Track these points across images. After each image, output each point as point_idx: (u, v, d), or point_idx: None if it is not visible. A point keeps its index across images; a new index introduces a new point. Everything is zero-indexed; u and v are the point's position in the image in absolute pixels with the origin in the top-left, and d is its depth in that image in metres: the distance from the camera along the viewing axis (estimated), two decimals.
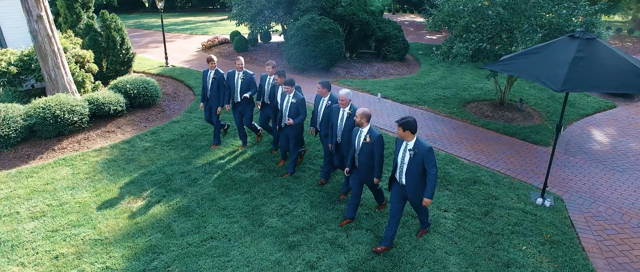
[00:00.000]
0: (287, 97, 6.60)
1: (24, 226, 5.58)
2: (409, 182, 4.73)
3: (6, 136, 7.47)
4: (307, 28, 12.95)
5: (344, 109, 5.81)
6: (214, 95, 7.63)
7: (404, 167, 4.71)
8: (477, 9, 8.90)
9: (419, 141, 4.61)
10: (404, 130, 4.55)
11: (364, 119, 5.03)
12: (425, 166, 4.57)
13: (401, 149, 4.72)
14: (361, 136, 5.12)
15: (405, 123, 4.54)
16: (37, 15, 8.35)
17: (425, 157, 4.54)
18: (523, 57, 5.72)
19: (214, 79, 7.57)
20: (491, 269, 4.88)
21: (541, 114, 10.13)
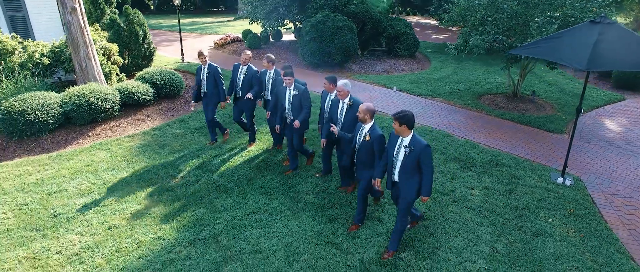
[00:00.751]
0: (288, 91, 6.27)
1: (74, 201, 5.87)
2: (402, 180, 4.48)
3: (45, 121, 7.76)
4: (322, 25, 13.29)
5: (343, 101, 5.57)
6: (211, 91, 7.30)
7: (397, 163, 4.46)
8: (492, 2, 9.25)
9: (415, 138, 4.34)
10: (400, 125, 4.28)
11: (367, 115, 4.77)
12: (420, 165, 4.33)
13: (396, 145, 4.46)
14: (363, 132, 4.91)
15: (402, 117, 4.25)
16: (71, 7, 8.67)
17: (421, 155, 4.27)
18: (546, 42, 6.07)
19: (208, 75, 7.23)
20: (521, 238, 5.19)
21: (553, 105, 10.48)
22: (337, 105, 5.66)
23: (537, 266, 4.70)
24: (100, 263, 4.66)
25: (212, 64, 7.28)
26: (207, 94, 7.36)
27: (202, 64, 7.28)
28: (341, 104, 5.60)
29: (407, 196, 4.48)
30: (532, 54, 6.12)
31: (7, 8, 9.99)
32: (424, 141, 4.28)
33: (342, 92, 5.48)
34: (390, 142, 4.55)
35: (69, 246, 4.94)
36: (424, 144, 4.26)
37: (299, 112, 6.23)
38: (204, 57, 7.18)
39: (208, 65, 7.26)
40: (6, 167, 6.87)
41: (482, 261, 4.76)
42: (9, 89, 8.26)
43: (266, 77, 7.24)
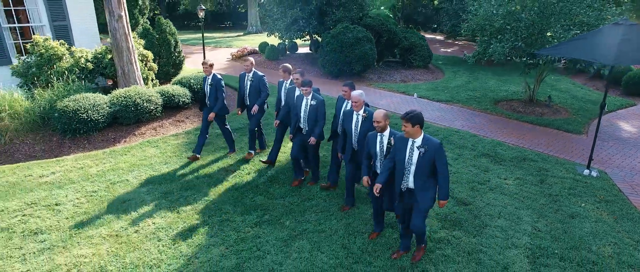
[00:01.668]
0: (305, 100, 6.02)
1: (138, 190, 6.30)
2: (419, 186, 4.21)
3: (96, 120, 8.21)
4: (343, 36, 13.92)
5: (358, 113, 5.22)
6: (213, 103, 7.13)
7: (411, 168, 4.18)
8: (510, 12, 9.88)
9: (427, 137, 4.12)
10: (413, 126, 4.02)
11: (387, 120, 4.52)
12: (437, 165, 4.10)
13: (407, 149, 4.17)
14: (384, 141, 4.59)
15: (414, 117, 4.00)
16: (118, 15, 9.23)
17: (436, 154, 4.05)
18: (572, 42, 6.65)
19: (211, 86, 7.06)
20: (559, 219, 5.63)
21: (568, 110, 11.03)
22: (350, 116, 5.30)
23: (577, 242, 5.13)
24: (176, 240, 5.06)
25: (216, 75, 7.08)
26: (211, 105, 7.16)
27: (206, 73, 7.05)
28: (356, 116, 5.24)
29: (425, 203, 4.22)
30: (559, 53, 6.69)
31: (53, 18, 10.56)
32: (436, 140, 4.10)
33: (357, 103, 5.10)
34: (398, 146, 4.26)
35: (144, 226, 5.35)
36: (438, 142, 4.07)
37: (314, 123, 6.01)
38: (207, 66, 6.92)
39: (212, 76, 7.03)
40: (67, 161, 7.30)
41: (527, 237, 5.20)
42: (59, 91, 8.74)
43: (282, 88, 6.88)
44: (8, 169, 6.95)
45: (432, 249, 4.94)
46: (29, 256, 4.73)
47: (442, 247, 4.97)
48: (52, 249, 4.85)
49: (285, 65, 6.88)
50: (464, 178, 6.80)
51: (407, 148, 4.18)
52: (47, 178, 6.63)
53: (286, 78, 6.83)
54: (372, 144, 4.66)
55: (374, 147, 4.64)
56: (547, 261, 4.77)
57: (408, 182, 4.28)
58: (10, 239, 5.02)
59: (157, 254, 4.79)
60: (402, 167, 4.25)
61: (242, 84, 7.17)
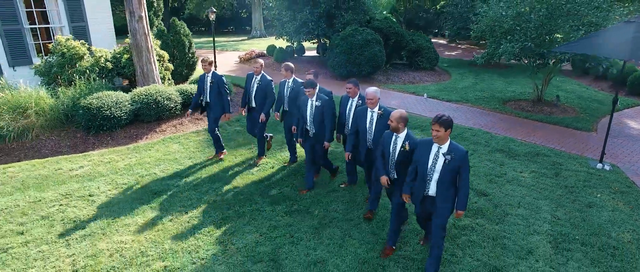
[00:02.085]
0: (310, 102, 5.86)
1: (166, 182, 6.49)
2: (439, 194, 4.04)
3: (119, 117, 8.41)
4: (352, 38, 14.18)
5: (373, 110, 5.08)
6: (215, 102, 6.88)
7: (434, 175, 4.00)
8: (519, 14, 10.16)
9: (453, 144, 3.95)
10: (445, 130, 3.85)
11: (401, 123, 4.32)
12: (461, 173, 3.95)
13: (431, 154, 3.99)
14: (397, 142, 4.42)
15: (447, 120, 3.84)
16: (138, 15, 9.47)
17: (462, 163, 3.90)
18: (584, 40, 6.90)
19: (212, 84, 6.81)
20: (577, 208, 5.85)
21: (575, 109, 11.28)
22: (364, 114, 5.16)
23: (596, 228, 5.34)
24: (211, 229, 5.24)
25: (216, 73, 6.89)
26: (210, 104, 6.96)
27: (206, 71, 6.85)
28: (370, 113, 5.10)
29: (445, 211, 4.07)
30: (574, 50, 6.95)
31: (72, 19, 10.79)
32: (463, 148, 3.95)
33: (372, 100, 4.97)
34: (421, 151, 4.09)
35: (178, 215, 5.53)
36: (464, 150, 3.93)
37: (321, 124, 5.84)
38: (206, 64, 6.78)
39: (212, 74, 6.85)
40: (93, 156, 7.49)
41: (547, 225, 5.41)
42: (82, 89, 8.94)
43: (284, 88, 6.73)
44: (38, 163, 7.14)
45: (457, 235, 5.14)
46: (72, 241, 4.91)
47: (467, 234, 5.17)
48: (92, 235, 5.03)
49: (287, 64, 6.73)
50: (481, 171, 7.01)
51: (431, 154, 3.99)
52: (77, 171, 6.82)
53: (288, 77, 6.70)
54: (387, 144, 4.49)
55: (387, 147, 4.48)
56: (569, 245, 4.98)
57: (428, 190, 4.09)
58: (52, 226, 5.20)
59: (194, 240, 4.98)
60: (423, 174, 4.06)
61: (248, 84, 6.95)
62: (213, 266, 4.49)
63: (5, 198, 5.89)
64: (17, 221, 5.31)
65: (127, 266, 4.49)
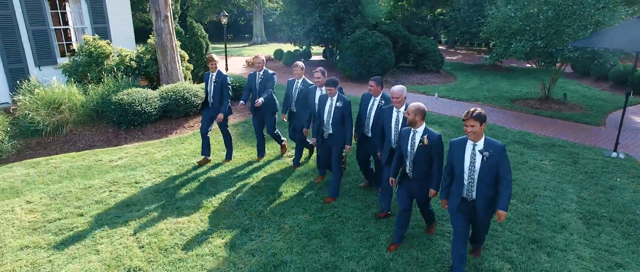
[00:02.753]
0: (330, 101, 5.52)
1: (208, 171, 6.75)
2: (482, 194, 3.72)
3: (149, 113, 8.66)
4: (362, 40, 14.60)
5: (399, 110, 4.83)
6: (217, 102, 6.63)
7: (474, 176, 3.70)
8: (528, 15, 10.64)
9: (489, 140, 3.68)
10: (481, 124, 3.57)
11: (418, 115, 4.09)
12: (500, 171, 3.64)
13: (467, 154, 3.72)
14: (415, 137, 4.20)
15: (480, 115, 3.56)
16: (164, 15, 9.76)
17: (501, 158, 3.61)
18: (600, 35, 7.36)
19: (216, 83, 6.54)
20: (600, 190, 6.22)
21: (581, 106, 11.76)
22: (389, 114, 4.93)
23: (621, 207, 5.71)
24: (261, 210, 5.51)
25: (221, 72, 6.60)
26: (214, 105, 6.67)
27: (211, 70, 6.55)
28: (396, 112, 4.85)
29: (488, 216, 3.80)
30: (590, 44, 7.40)
31: (95, 21, 11.04)
32: (499, 142, 3.67)
33: (398, 99, 4.73)
34: (454, 152, 3.83)
35: (227, 199, 5.79)
36: (501, 144, 3.65)
37: (340, 126, 5.53)
38: (213, 62, 6.48)
39: (217, 73, 6.55)
40: (129, 148, 7.73)
41: (575, 204, 5.77)
42: (109, 87, 9.18)
43: (294, 87, 6.55)
44: (77, 155, 7.35)
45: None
46: (130, 222, 5.14)
47: None
48: (148, 216, 5.27)
49: (299, 63, 6.55)
50: None
51: (467, 153, 3.71)
52: (117, 162, 7.05)
53: (299, 76, 6.48)
54: (405, 141, 4.29)
55: (405, 144, 4.27)
56: (599, 221, 5.33)
57: (471, 193, 3.78)
58: (108, 209, 5.43)
59: (247, 220, 5.24)
60: (461, 176, 3.77)
61: (252, 83, 6.77)
62: (272, 242, 4.76)
63: (56, 185, 6.11)
64: (74, 205, 5.53)
65: (189, 242, 4.73)
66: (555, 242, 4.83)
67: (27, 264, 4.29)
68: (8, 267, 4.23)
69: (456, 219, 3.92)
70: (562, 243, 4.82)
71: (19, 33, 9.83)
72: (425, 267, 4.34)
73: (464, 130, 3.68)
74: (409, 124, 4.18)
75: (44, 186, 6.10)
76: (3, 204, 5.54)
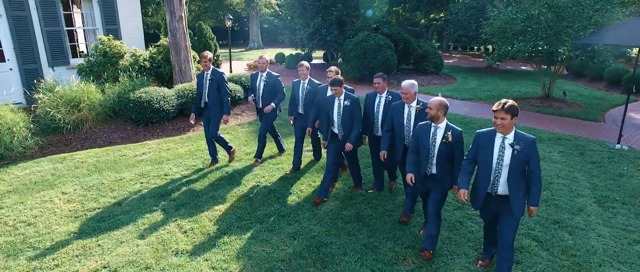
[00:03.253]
0: (337, 101, 5.37)
1: (234, 164, 6.94)
2: (513, 190, 3.56)
3: (167, 110, 8.83)
4: (365, 43, 14.95)
5: (410, 105, 4.74)
6: (213, 102, 6.32)
7: (503, 171, 3.55)
8: (530, 16, 11.08)
9: (519, 133, 3.55)
10: (512, 117, 3.43)
11: (441, 111, 3.98)
12: (530, 165, 3.52)
13: (496, 147, 3.56)
14: (437, 133, 4.07)
15: (513, 107, 3.42)
16: (179, 15, 9.96)
17: (531, 152, 3.49)
18: (605, 32, 7.77)
19: (211, 81, 6.22)
20: (609, 177, 6.56)
21: (580, 104, 12.21)
22: (400, 110, 4.82)
23: (633, 192, 6.05)
24: (293, 198, 5.72)
25: (216, 70, 6.29)
26: (209, 105, 6.36)
27: (205, 69, 6.26)
28: (407, 108, 4.75)
29: (518, 211, 3.58)
30: (595, 41, 7.80)
31: (106, 22, 11.19)
32: (530, 135, 3.56)
33: (407, 95, 4.66)
34: (482, 145, 3.66)
35: (258, 189, 5.98)
36: (533, 138, 3.53)
37: (350, 126, 5.38)
38: (206, 59, 6.18)
39: (211, 71, 6.23)
40: (151, 144, 7.88)
41: (588, 190, 6.09)
42: (125, 86, 9.32)
43: (300, 88, 6.35)
44: (100, 151, 7.49)
45: None
46: (168, 210, 5.31)
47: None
48: (185, 205, 5.44)
49: (302, 62, 6.38)
50: None
51: (496, 146, 3.56)
52: (142, 157, 7.20)
53: (304, 77, 6.32)
54: (424, 136, 4.13)
55: (425, 139, 4.13)
56: (613, 204, 5.66)
57: (498, 188, 3.62)
58: (144, 199, 5.59)
59: (282, 207, 5.44)
60: (488, 170, 3.62)
61: (254, 84, 6.60)
62: (309, 227, 4.97)
63: (87, 178, 6.25)
64: (110, 195, 5.68)
65: (230, 227, 4.92)
66: (575, 223, 5.13)
67: (78, 247, 4.44)
68: (61, 251, 4.38)
69: (484, 215, 3.96)
70: (582, 223, 5.12)
71: (34, 34, 9.93)
72: (459, 245, 4.59)
73: (493, 123, 3.52)
74: (431, 120, 4.05)
75: (75, 178, 6.23)
76: (40, 195, 5.67)
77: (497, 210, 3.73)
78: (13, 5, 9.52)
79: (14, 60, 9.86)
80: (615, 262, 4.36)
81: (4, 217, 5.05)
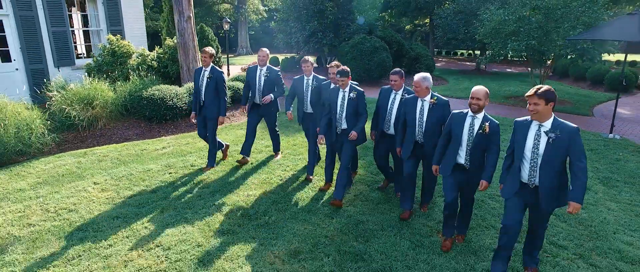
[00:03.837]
0: (342, 93, 5.11)
1: (255, 156, 7.16)
2: (546, 182, 3.36)
3: (180, 108, 8.97)
4: (361, 45, 15.38)
5: (423, 100, 4.56)
6: (210, 101, 6.00)
7: (538, 159, 3.37)
8: (521, 17, 11.71)
9: (558, 120, 3.34)
10: (546, 103, 3.27)
11: (487, 100, 3.86)
12: (571, 156, 3.29)
13: (530, 134, 3.41)
14: (475, 124, 3.87)
15: (548, 92, 3.26)
16: (188, 16, 10.15)
17: (572, 142, 3.26)
18: (597, 29, 8.36)
19: (209, 79, 5.92)
20: (608, 162, 7.07)
21: (569, 101, 12.90)
22: (413, 104, 4.64)
23: (631, 173, 6.56)
24: (320, 184, 5.99)
25: (216, 68, 6.00)
26: (206, 104, 6.03)
27: (204, 66, 5.94)
28: (420, 103, 4.57)
29: (550, 208, 3.45)
30: (589, 37, 8.39)
31: (111, 23, 11.27)
32: (572, 124, 3.32)
33: (418, 89, 4.49)
34: (518, 132, 3.51)
35: (285, 178, 6.21)
36: (574, 127, 3.29)
37: (355, 120, 5.16)
38: (206, 54, 5.85)
39: (211, 68, 5.95)
40: (169, 139, 8.02)
41: (591, 172, 6.57)
42: (136, 84, 9.43)
43: (304, 85, 6.01)
44: (119, 146, 7.59)
45: None
46: (204, 196, 5.49)
47: None
48: (220, 191, 5.63)
49: (307, 58, 6.00)
50: None
51: (531, 134, 3.40)
52: (163, 151, 7.34)
53: (309, 73, 5.95)
54: (458, 127, 3.94)
55: (460, 130, 3.92)
56: (615, 184, 6.13)
57: (534, 178, 3.42)
58: (177, 187, 5.76)
59: (312, 192, 5.68)
60: (522, 159, 3.47)
61: (252, 78, 6.23)
62: (344, 207, 5.22)
63: (114, 170, 6.36)
64: (142, 184, 5.83)
65: (268, 210, 5.12)
66: (585, 199, 5.56)
67: (126, 229, 4.59)
68: (110, 232, 4.52)
69: (511, 207, 3.59)
70: (592, 199, 5.56)
71: (41, 34, 9.94)
72: (485, 219, 4.94)
73: (527, 109, 3.42)
74: (477, 110, 3.82)
75: (103, 170, 6.34)
76: (72, 185, 5.76)
77: (532, 202, 3.52)
78: (20, 4, 9.53)
79: (21, 60, 9.84)
80: (627, 230, 4.79)
81: (44, 205, 5.15)
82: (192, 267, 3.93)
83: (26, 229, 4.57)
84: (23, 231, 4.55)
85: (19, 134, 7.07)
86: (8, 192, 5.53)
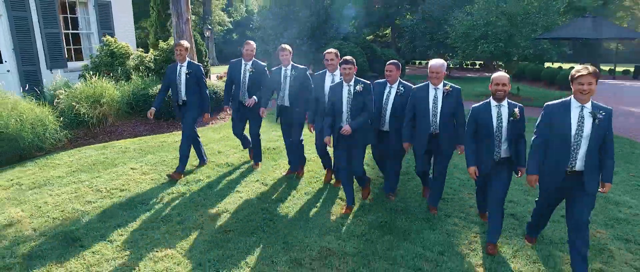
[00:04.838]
0: (346, 87, 4.41)
1: (271, 144, 7.60)
2: (590, 166, 3.20)
3: None
4: (340, 51, 16.21)
5: (437, 88, 4.20)
6: (191, 99, 5.53)
7: (582, 145, 3.18)
8: (489, 22, 13.06)
9: (596, 103, 3.20)
10: (597, 82, 3.14)
11: (510, 86, 3.65)
12: (606, 138, 3.20)
13: (573, 117, 3.18)
14: (502, 112, 3.63)
15: (596, 71, 3.13)
16: (186, 18, 10.42)
17: (609, 124, 3.18)
18: (561, 29, 9.64)
19: (189, 75, 5.43)
20: None
21: (532, 97, 14.38)
22: (425, 92, 4.26)
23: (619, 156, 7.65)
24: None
25: (192, 62, 5.53)
26: (188, 102, 5.55)
27: (180, 61, 5.41)
28: (433, 91, 4.22)
29: (594, 187, 3.23)
30: (556, 36, 9.68)
31: (102, 27, 11.28)
32: (607, 106, 3.20)
33: (439, 74, 4.16)
34: (555, 116, 3.27)
35: (311, 166, 6.68)
36: (610, 109, 3.20)
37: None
38: (182, 48, 5.37)
39: (188, 64, 5.45)
40: None
41: None
42: (137, 83, 9.56)
43: (281, 76, 5.38)
44: (136, 140, 7.77)
45: None
46: (242, 180, 5.78)
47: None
48: (255, 173, 6.02)
49: (284, 46, 5.38)
50: None
51: (573, 116, 3.18)
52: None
53: (287, 62, 5.32)
54: (486, 117, 3.65)
55: (488, 120, 3.64)
56: None
57: (574, 164, 3.22)
58: (214, 168, 6.09)
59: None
60: (565, 144, 3.22)
61: (236, 74, 5.64)
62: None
63: (144, 158, 6.56)
64: None
65: (303, 195, 5.27)
66: None
67: (185, 201, 4.90)
68: (171, 205, 4.81)
69: (545, 200, 3.52)
70: None
71: (34, 35, 9.82)
72: None
73: (577, 91, 3.17)
74: (502, 98, 3.62)
75: (132, 159, 6.52)
76: (110, 171, 5.93)
77: (570, 189, 3.32)
78: (14, 5, 9.41)
79: (13, 62, 9.64)
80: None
81: (94, 186, 5.33)
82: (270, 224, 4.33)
83: (89, 205, 4.77)
84: (87, 206, 4.74)
85: (35, 130, 7.07)
86: (47, 179, 5.62)
